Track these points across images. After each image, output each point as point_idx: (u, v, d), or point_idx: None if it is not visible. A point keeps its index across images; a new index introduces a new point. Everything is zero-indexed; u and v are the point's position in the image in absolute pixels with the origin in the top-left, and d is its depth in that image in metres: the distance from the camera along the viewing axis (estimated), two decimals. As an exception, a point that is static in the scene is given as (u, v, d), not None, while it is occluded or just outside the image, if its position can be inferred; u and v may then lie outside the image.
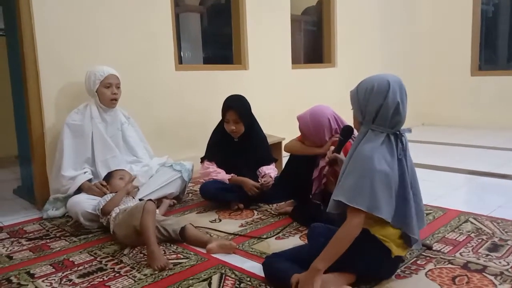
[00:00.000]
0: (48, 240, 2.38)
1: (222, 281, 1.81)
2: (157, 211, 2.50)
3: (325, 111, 2.40)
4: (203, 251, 2.13)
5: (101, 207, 2.38)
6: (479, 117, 6.35)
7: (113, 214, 2.32)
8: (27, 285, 1.85)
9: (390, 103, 1.60)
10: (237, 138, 2.92)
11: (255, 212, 2.78)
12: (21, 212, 2.95)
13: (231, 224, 2.56)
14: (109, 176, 2.65)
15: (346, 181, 1.62)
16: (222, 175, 2.86)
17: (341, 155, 2.03)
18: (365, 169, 1.57)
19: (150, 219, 2.09)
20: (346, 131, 2.06)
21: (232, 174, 2.87)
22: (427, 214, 2.55)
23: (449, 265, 1.88)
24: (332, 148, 2.11)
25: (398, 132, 1.65)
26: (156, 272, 1.90)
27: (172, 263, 1.99)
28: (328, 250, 1.59)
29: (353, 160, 1.64)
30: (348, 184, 1.60)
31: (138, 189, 2.74)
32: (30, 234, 2.50)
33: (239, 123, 2.86)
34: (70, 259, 2.11)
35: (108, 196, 2.46)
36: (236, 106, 2.86)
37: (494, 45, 6.99)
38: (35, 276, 1.93)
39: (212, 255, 2.08)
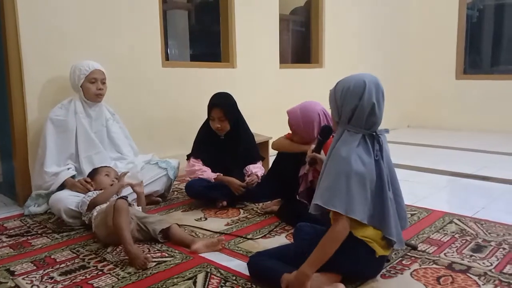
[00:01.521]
0: (29, 237, 2.33)
1: (208, 279, 1.79)
2: (140, 207, 2.47)
3: (315, 106, 2.39)
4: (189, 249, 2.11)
5: (88, 202, 2.33)
6: (463, 120, 6.45)
7: (94, 213, 2.28)
8: (7, 282, 1.81)
9: (365, 103, 1.59)
10: (222, 135, 2.91)
11: (241, 211, 2.77)
12: (2, 208, 2.89)
13: (217, 223, 2.54)
14: (94, 173, 2.60)
15: (323, 183, 1.62)
16: (207, 174, 2.84)
17: (322, 154, 2.03)
18: (341, 171, 1.57)
19: (122, 217, 2.03)
20: (325, 131, 2.06)
21: (218, 174, 2.85)
22: (412, 215, 2.58)
23: (434, 265, 1.89)
24: (312, 147, 2.11)
25: (374, 133, 1.64)
26: (140, 271, 1.87)
27: (156, 261, 1.97)
28: (316, 254, 1.58)
29: (330, 162, 1.64)
30: (325, 186, 1.60)
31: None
32: (11, 231, 2.44)
33: (224, 121, 2.84)
34: (52, 257, 2.06)
35: (94, 193, 2.42)
36: (221, 104, 2.84)
37: (479, 50, 7.09)
38: (16, 273, 1.89)
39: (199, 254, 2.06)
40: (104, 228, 2.15)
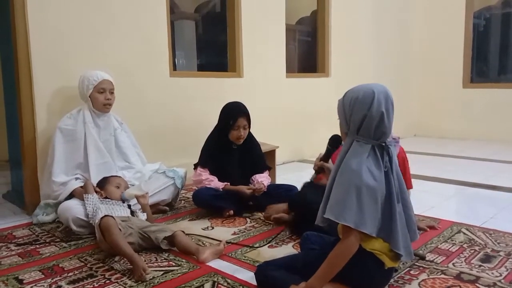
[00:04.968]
0: (37, 246, 2.35)
1: (215, 289, 1.79)
2: (143, 215, 2.48)
3: None
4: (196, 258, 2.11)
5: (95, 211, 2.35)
6: (470, 128, 6.42)
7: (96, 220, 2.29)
8: (16, 291, 1.82)
9: (374, 113, 1.57)
10: (236, 145, 2.92)
11: (248, 220, 2.76)
12: (10, 217, 2.90)
13: (223, 232, 2.53)
14: (104, 182, 2.61)
15: (333, 196, 1.61)
16: (214, 183, 2.85)
17: (329, 163, 2.02)
18: (352, 184, 1.55)
19: (113, 234, 2.02)
20: (334, 140, 2.05)
21: (225, 183, 2.86)
22: (420, 225, 2.56)
23: (442, 276, 1.88)
24: (320, 155, 2.11)
25: (384, 144, 1.63)
26: (147, 280, 1.88)
27: (163, 270, 1.97)
28: (325, 269, 1.57)
29: (340, 174, 1.62)
30: (335, 199, 1.59)
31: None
32: (19, 239, 2.45)
33: (247, 129, 2.90)
34: (60, 265, 2.07)
35: (104, 201, 2.43)
36: (246, 112, 2.91)
37: (486, 59, 7.08)
38: (24, 282, 1.90)
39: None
40: (104, 244, 2.16)
